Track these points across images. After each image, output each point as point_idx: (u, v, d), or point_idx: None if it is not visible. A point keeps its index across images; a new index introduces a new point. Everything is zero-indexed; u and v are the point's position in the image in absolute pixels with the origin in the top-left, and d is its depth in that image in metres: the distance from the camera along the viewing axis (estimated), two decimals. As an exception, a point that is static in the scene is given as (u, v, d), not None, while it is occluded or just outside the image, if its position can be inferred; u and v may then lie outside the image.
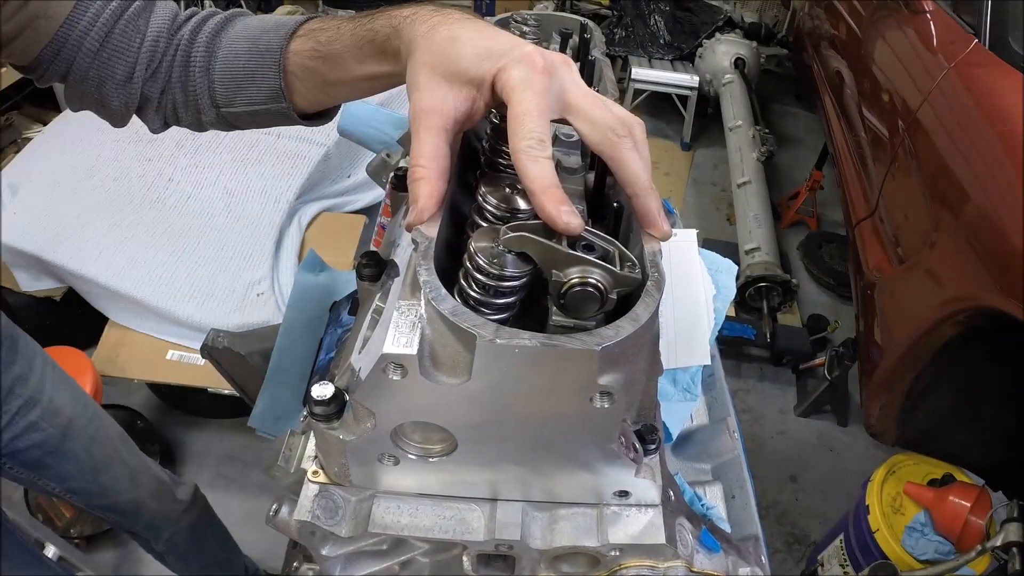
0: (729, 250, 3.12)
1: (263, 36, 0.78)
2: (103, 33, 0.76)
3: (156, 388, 2.46)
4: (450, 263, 0.58)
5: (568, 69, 0.58)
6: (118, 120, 0.84)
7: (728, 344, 2.95)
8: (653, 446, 0.62)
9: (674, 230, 0.68)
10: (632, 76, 4.23)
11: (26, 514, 2.08)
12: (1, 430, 1.20)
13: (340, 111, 0.90)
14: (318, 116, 0.84)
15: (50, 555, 1.81)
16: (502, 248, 0.53)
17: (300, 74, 0.77)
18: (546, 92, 0.55)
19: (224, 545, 1.87)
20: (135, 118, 0.85)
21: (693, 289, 1.05)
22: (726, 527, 0.87)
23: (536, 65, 0.56)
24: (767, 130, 3.75)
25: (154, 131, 0.88)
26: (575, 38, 0.94)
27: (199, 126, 0.86)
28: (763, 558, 0.80)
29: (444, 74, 0.58)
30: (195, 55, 0.80)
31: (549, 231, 0.53)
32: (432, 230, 0.55)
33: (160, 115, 0.85)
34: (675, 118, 4.44)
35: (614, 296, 0.51)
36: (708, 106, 4.42)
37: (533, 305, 0.58)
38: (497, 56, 0.57)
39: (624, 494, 0.64)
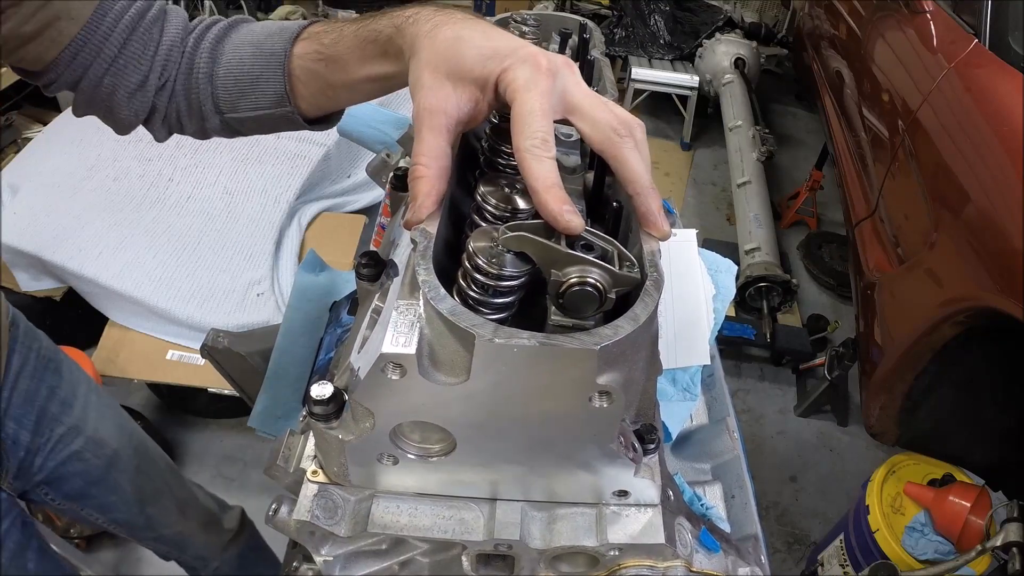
0: (729, 250, 3.12)
1: (267, 41, 0.78)
2: (123, 38, 0.76)
3: (156, 388, 2.46)
4: (449, 263, 0.58)
5: (570, 71, 0.58)
6: (124, 128, 0.84)
7: (728, 344, 2.95)
8: (652, 446, 0.62)
9: (674, 230, 0.68)
10: (632, 76, 4.23)
11: (26, 514, 2.08)
12: (35, 456, 1.18)
13: None
14: (321, 120, 0.84)
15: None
16: (501, 248, 0.53)
17: (303, 77, 0.77)
18: (550, 93, 0.56)
19: (271, 569, 1.80)
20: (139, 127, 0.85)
21: (693, 289, 1.05)
22: (726, 527, 0.87)
23: (540, 66, 0.56)
24: (767, 130, 3.75)
25: (159, 140, 0.88)
26: (575, 38, 0.94)
27: (203, 134, 0.86)
28: (763, 558, 0.80)
29: (448, 74, 0.59)
30: (199, 62, 0.80)
31: (548, 231, 0.53)
32: (431, 229, 0.55)
33: (166, 125, 0.85)
34: (675, 118, 4.44)
35: (613, 296, 0.51)
36: (708, 106, 4.42)
37: (532, 305, 0.58)
38: (501, 57, 0.57)
39: (623, 494, 0.64)
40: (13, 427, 1.13)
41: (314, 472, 0.65)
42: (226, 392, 2.14)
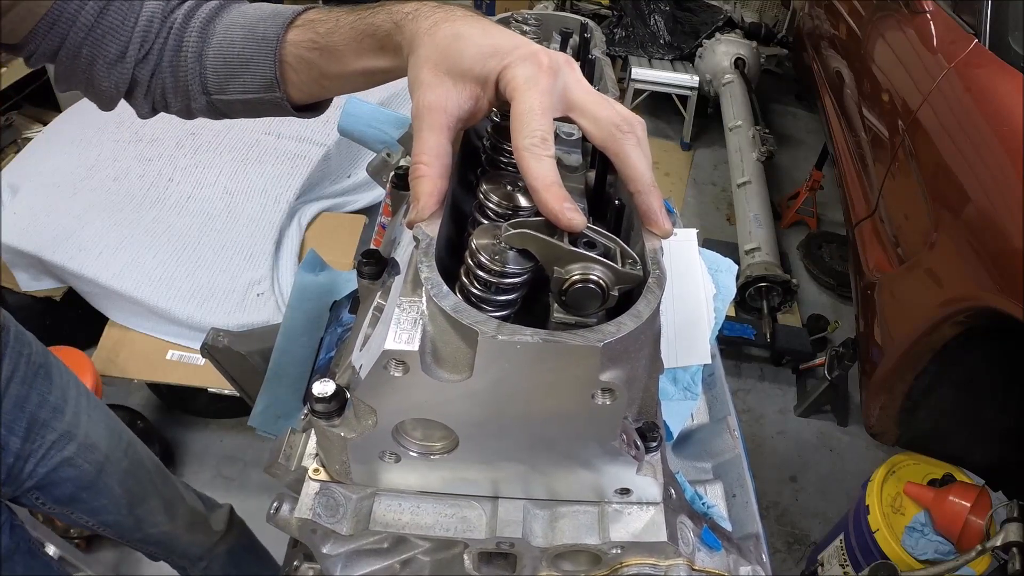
0: (729, 250, 3.12)
1: (259, 24, 0.78)
2: (99, 8, 0.75)
3: (156, 388, 2.46)
4: (451, 261, 0.58)
5: (571, 69, 0.58)
6: (107, 103, 0.83)
7: (728, 344, 2.95)
8: (654, 444, 0.62)
9: (674, 229, 0.68)
10: (632, 76, 4.23)
11: (26, 514, 2.08)
12: (26, 462, 1.17)
13: (341, 111, 0.89)
14: (311, 108, 0.83)
15: (50, 555, 1.81)
16: (503, 245, 0.53)
17: (296, 65, 0.76)
18: (550, 91, 0.55)
19: (264, 567, 1.80)
20: (123, 103, 0.84)
21: (693, 288, 1.05)
22: (727, 525, 0.87)
23: (541, 64, 0.56)
24: (767, 130, 3.75)
25: (142, 116, 0.87)
26: (575, 37, 0.94)
27: (188, 113, 0.85)
28: (764, 556, 0.80)
29: (448, 71, 0.58)
30: (188, 40, 0.79)
31: (551, 228, 0.53)
32: (433, 228, 0.55)
33: (148, 100, 0.84)
34: (675, 118, 4.44)
35: (615, 293, 0.51)
36: (708, 106, 4.42)
37: (534, 303, 0.58)
38: (502, 54, 0.57)
39: (625, 492, 0.64)
40: (3, 433, 1.12)
41: (316, 470, 0.65)
42: (226, 392, 2.14)
